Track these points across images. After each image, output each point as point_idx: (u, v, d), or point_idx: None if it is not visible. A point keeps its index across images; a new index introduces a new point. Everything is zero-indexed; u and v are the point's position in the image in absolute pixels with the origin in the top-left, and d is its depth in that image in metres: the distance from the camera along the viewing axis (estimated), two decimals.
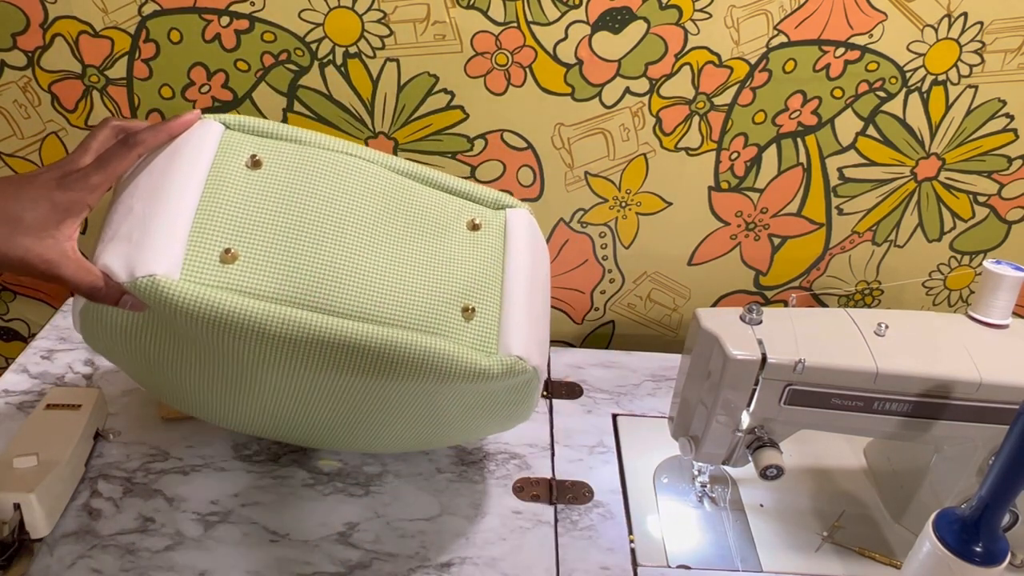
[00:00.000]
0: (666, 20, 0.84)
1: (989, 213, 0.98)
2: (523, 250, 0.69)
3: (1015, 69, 0.88)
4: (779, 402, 0.69)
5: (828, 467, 0.85)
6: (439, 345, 0.60)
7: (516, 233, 0.70)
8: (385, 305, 0.60)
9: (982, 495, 0.58)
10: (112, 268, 0.55)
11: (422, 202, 0.67)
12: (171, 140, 0.61)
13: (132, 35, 0.84)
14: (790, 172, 0.94)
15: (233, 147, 0.62)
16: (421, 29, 0.84)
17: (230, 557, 0.68)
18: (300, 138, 0.65)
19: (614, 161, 0.93)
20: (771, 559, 0.74)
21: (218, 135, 0.62)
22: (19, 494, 0.66)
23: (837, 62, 0.87)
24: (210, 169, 0.60)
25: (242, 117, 0.64)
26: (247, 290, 0.57)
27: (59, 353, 0.90)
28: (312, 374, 0.61)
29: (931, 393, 0.68)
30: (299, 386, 0.63)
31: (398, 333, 0.59)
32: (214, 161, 0.60)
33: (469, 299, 0.64)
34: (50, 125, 0.90)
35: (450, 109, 0.89)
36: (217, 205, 0.59)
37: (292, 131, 0.65)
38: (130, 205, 0.58)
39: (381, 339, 0.58)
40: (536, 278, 0.69)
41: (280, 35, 0.84)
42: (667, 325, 1.07)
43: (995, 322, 0.72)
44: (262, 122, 0.64)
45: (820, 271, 1.02)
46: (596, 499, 0.78)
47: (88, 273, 0.55)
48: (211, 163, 0.60)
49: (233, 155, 0.61)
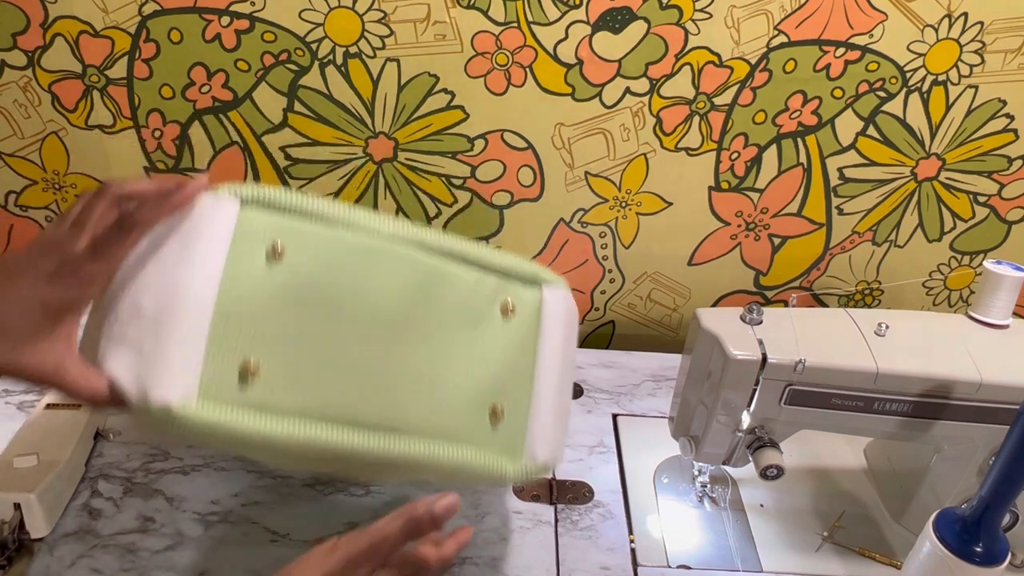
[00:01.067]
0: (666, 20, 0.84)
1: (989, 213, 0.98)
2: (556, 336, 0.66)
3: (1015, 69, 0.88)
4: (779, 402, 0.69)
5: (828, 467, 0.85)
6: (465, 455, 0.58)
7: (550, 317, 0.66)
8: (413, 415, 0.57)
9: (982, 495, 0.58)
10: (121, 382, 0.49)
11: (454, 287, 0.62)
12: (172, 213, 0.53)
13: (132, 35, 0.84)
14: (790, 172, 0.94)
15: (251, 233, 0.55)
16: (421, 29, 0.84)
17: (230, 557, 0.68)
18: (323, 214, 0.57)
19: (614, 161, 0.93)
20: (771, 559, 0.74)
21: (233, 216, 0.55)
22: (19, 494, 0.66)
23: (837, 62, 0.87)
24: (226, 263, 0.53)
25: (259, 189, 0.56)
26: (268, 407, 0.53)
27: None
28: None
29: (931, 393, 0.68)
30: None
31: (424, 445, 0.57)
32: (230, 252, 0.54)
33: (498, 398, 0.61)
34: (50, 125, 0.90)
35: (450, 109, 0.89)
36: (235, 308, 0.53)
37: (314, 204, 0.57)
38: (137, 302, 0.51)
39: (407, 452, 0.56)
40: (566, 367, 0.67)
41: (280, 35, 0.84)
42: (667, 325, 1.07)
43: (995, 322, 0.72)
44: (281, 194, 0.56)
45: (820, 271, 1.02)
46: (596, 499, 0.78)
47: (90, 382, 0.48)
48: (227, 254, 0.53)
49: (251, 245, 0.55)
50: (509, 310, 0.64)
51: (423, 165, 0.93)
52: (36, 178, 0.94)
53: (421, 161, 0.92)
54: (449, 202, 0.95)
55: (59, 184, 0.94)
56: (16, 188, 0.94)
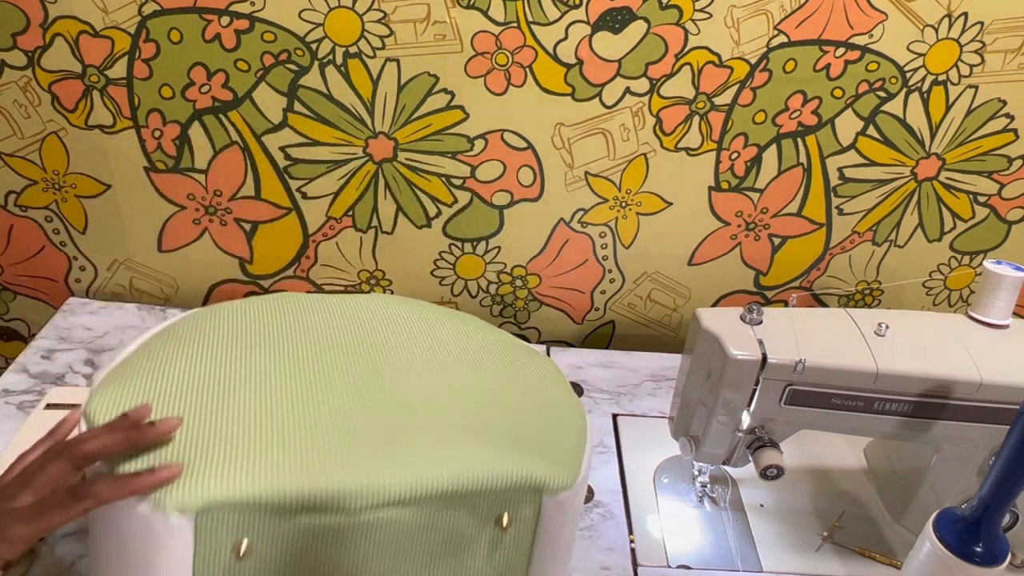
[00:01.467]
0: (666, 20, 0.84)
1: (989, 213, 0.98)
2: (550, 544, 0.59)
3: (1015, 69, 0.88)
4: (779, 402, 0.69)
5: (828, 467, 0.85)
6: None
7: (547, 527, 0.58)
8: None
9: (982, 495, 0.58)
10: None
11: (441, 530, 0.56)
12: (132, 495, 0.49)
13: (132, 35, 0.84)
14: (790, 172, 0.94)
15: (213, 543, 0.51)
16: (421, 29, 0.84)
17: None
18: (289, 503, 0.51)
19: (614, 161, 0.93)
20: (771, 559, 0.74)
21: (189, 541, 0.50)
22: None
23: (837, 62, 0.87)
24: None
25: (215, 491, 0.50)
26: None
27: (59, 353, 0.90)
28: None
29: (931, 393, 0.68)
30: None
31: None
32: (194, 568, 0.51)
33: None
34: (50, 125, 0.90)
35: (450, 109, 0.89)
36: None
37: (277, 494, 0.51)
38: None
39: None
40: (558, 563, 0.61)
41: (280, 35, 0.84)
42: (667, 325, 1.07)
43: (995, 322, 0.72)
44: (239, 492, 0.50)
45: (820, 271, 1.02)
46: (596, 499, 0.78)
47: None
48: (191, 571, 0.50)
49: (214, 553, 0.51)
50: (504, 525, 0.57)
51: (423, 165, 0.93)
52: (36, 178, 0.94)
53: (421, 161, 0.92)
54: (449, 202, 0.95)
55: (59, 184, 0.94)
56: (16, 188, 0.94)
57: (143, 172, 0.93)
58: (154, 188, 0.94)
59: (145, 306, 1.00)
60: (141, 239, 0.98)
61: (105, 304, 0.99)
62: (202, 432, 0.53)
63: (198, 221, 0.96)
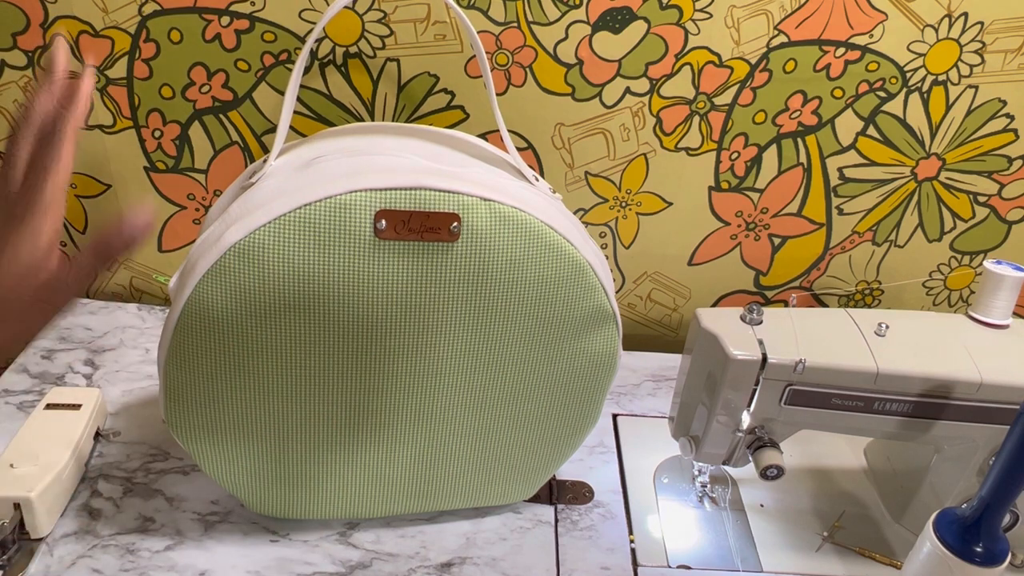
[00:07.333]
0: (666, 20, 0.84)
1: (989, 213, 0.98)
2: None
3: (1015, 69, 0.88)
4: (779, 402, 0.69)
5: (828, 467, 0.85)
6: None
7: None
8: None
9: (982, 495, 0.58)
10: None
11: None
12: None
13: (132, 35, 0.84)
14: (790, 172, 0.94)
15: None
16: (421, 29, 0.84)
17: (230, 557, 0.68)
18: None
19: (614, 161, 0.93)
20: (771, 559, 0.74)
21: None
22: (19, 494, 0.66)
23: (837, 62, 0.87)
24: None
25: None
26: None
27: (59, 353, 0.90)
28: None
29: (931, 393, 0.68)
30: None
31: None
32: None
33: None
34: None
35: (450, 109, 0.89)
36: None
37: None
38: None
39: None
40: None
41: (280, 35, 0.84)
42: (667, 325, 1.07)
43: (995, 322, 0.72)
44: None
45: (820, 271, 1.02)
46: (596, 499, 0.78)
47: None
48: None
49: None
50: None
51: None
52: None
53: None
54: None
55: None
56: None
57: (143, 172, 0.93)
58: (154, 188, 0.94)
59: (145, 306, 1.00)
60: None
61: (105, 304, 0.99)
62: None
63: (198, 221, 0.96)
